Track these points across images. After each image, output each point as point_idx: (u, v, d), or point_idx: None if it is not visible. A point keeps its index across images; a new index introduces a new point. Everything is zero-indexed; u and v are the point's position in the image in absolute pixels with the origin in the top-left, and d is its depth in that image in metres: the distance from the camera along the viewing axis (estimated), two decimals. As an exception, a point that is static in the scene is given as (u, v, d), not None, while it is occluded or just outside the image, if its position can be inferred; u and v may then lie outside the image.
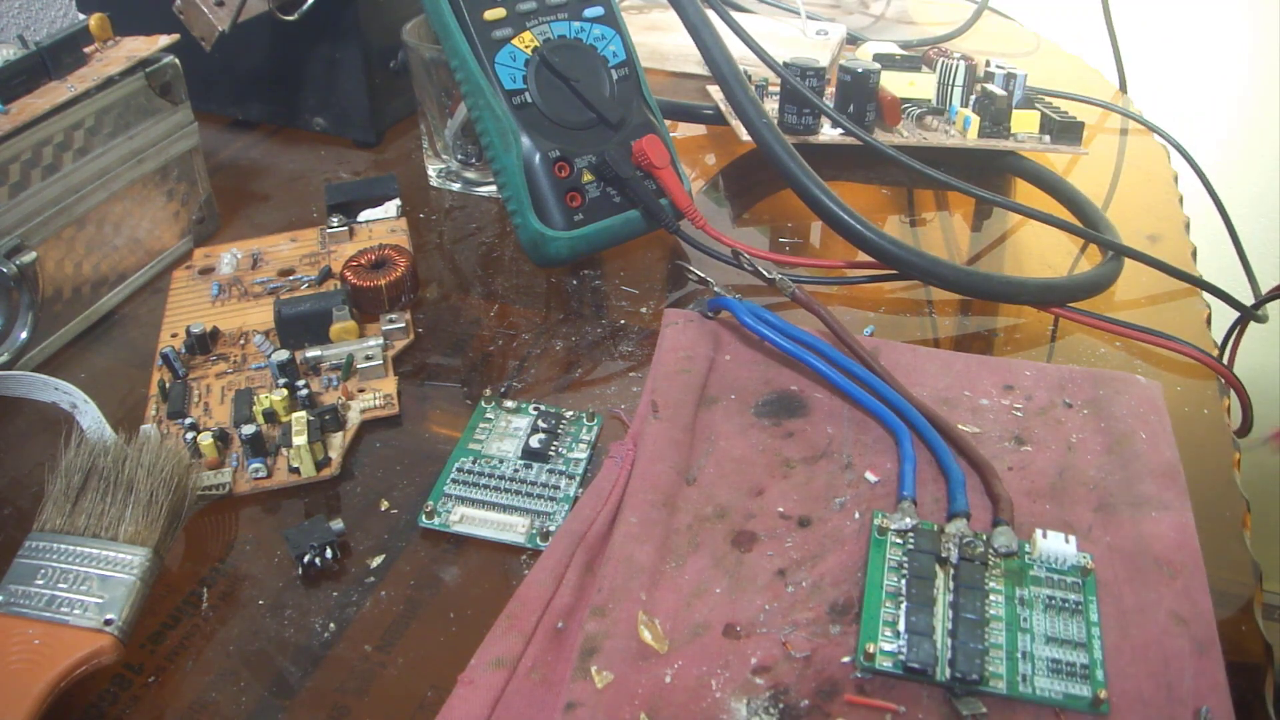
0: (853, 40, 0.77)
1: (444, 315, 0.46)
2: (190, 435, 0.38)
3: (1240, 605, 0.33)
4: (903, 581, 0.31)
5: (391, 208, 0.52)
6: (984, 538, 0.33)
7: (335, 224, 0.51)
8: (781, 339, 0.40)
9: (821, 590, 0.32)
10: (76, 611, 0.29)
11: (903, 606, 0.31)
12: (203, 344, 0.43)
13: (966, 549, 0.32)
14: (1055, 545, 0.32)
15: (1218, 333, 0.47)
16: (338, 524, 0.34)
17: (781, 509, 0.34)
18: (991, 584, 0.31)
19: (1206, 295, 0.48)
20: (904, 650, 0.29)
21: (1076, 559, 0.32)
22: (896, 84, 0.60)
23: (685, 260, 0.49)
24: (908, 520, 0.33)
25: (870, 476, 0.36)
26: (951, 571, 0.32)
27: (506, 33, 0.47)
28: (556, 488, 0.36)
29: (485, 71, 0.46)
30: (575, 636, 0.30)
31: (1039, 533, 0.32)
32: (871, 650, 0.29)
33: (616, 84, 0.49)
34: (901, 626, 0.30)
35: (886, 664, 0.29)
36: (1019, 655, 0.29)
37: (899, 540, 0.33)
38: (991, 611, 0.31)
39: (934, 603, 0.31)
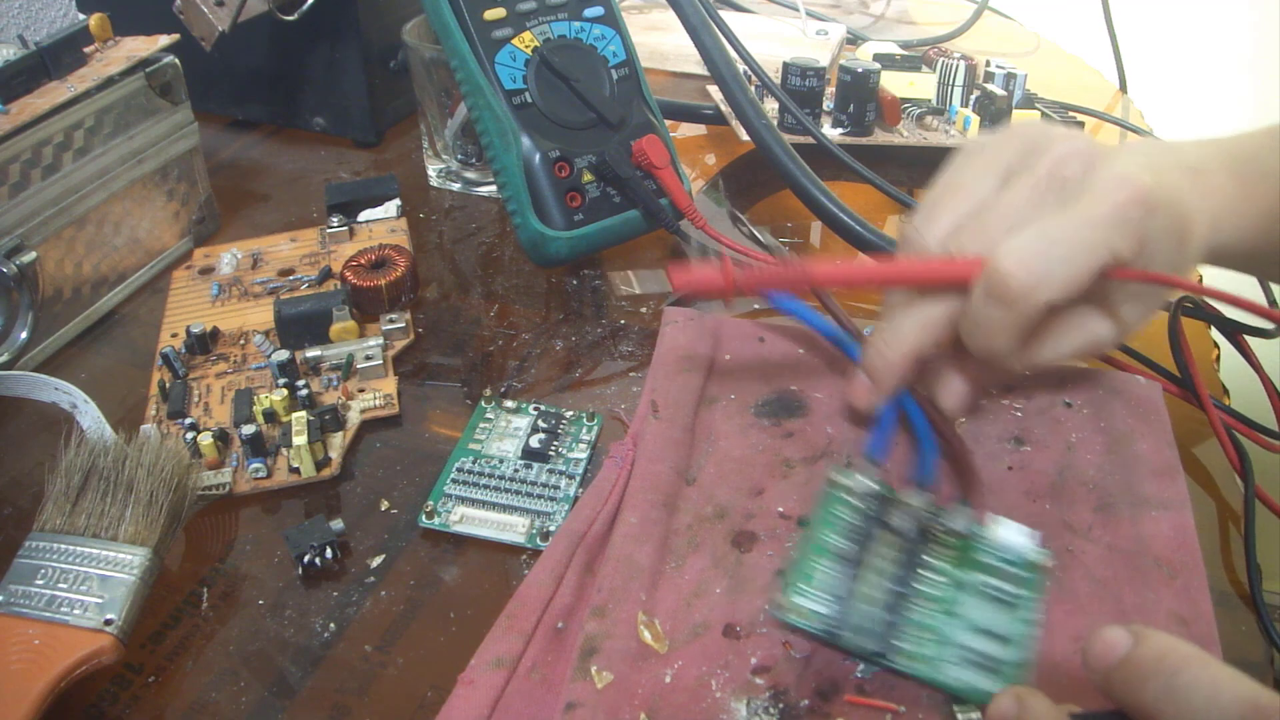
0: (853, 40, 0.77)
1: (444, 315, 0.46)
2: (190, 435, 0.38)
3: (1240, 605, 0.33)
4: (843, 541, 0.31)
5: (391, 208, 0.52)
6: (940, 513, 0.32)
7: (335, 224, 0.51)
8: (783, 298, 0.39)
9: (821, 590, 0.32)
10: (76, 611, 0.29)
11: (836, 565, 0.30)
12: (203, 344, 0.43)
13: (917, 520, 0.31)
14: (1011, 535, 0.31)
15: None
16: (338, 524, 0.34)
17: (781, 509, 0.34)
18: (933, 561, 0.31)
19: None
20: (824, 610, 0.29)
21: (1032, 554, 0.31)
22: (896, 84, 0.60)
23: (684, 258, 0.49)
24: (864, 480, 0.32)
25: None
26: (895, 541, 0.31)
27: (506, 33, 0.47)
28: (556, 488, 0.36)
29: (485, 71, 0.46)
30: (575, 636, 0.30)
31: (994, 518, 0.32)
32: (791, 602, 0.29)
33: (616, 84, 0.49)
34: (829, 585, 0.30)
35: (801, 620, 0.29)
36: (938, 639, 0.29)
37: (850, 499, 0.32)
38: (924, 589, 0.30)
39: (867, 568, 0.30)
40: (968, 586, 0.30)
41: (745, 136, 0.52)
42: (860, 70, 0.57)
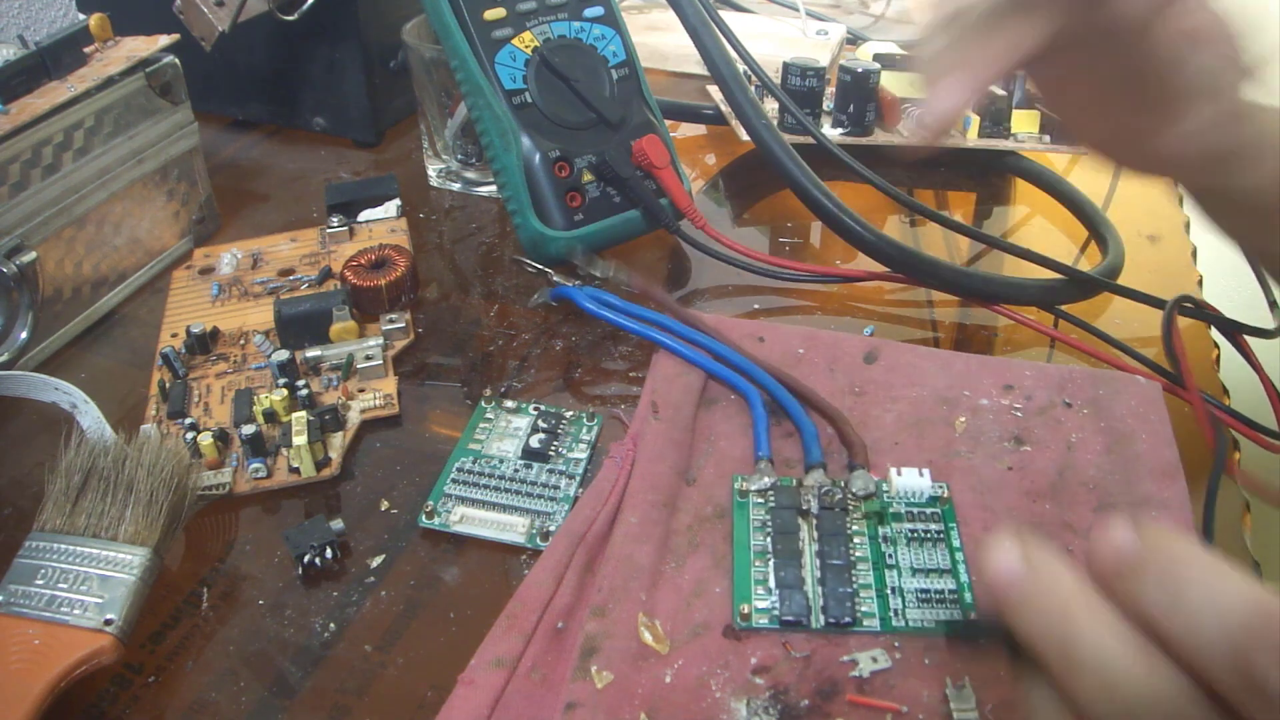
0: (853, 40, 0.77)
1: (444, 315, 0.46)
2: (190, 435, 0.38)
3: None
4: (768, 539, 0.32)
5: (391, 208, 0.52)
6: (842, 484, 0.34)
7: (335, 224, 0.51)
8: (624, 319, 0.43)
9: (821, 590, 0.32)
10: (76, 611, 0.29)
11: (771, 563, 0.32)
12: (203, 344, 0.43)
13: (825, 498, 0.33)
14: (910, 480, 0.33)
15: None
16: (338, 524, 0.34)
17: (781, 509, 0.35)
18: (854, 527, 0.33)
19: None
20: (777, 605, 0.30)
21: (932, 490, 0.33)
22: (896, 84, 0.60)
23: (684, 258, 0.49)
24: (766, 480, 0.34)
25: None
26: (814, 522, 0.33)
27: (506, 33, 0.47)
28: (556, 488, 0.36)
29: (485, 71, 0.46)
30: (575, 636, 0.30)
31: (893, 470, 0.34)
32: (746, 610, 0.30)
33: (616, 84, 0.49)
34: (772, 583, 0.31)
35: (763, 621, 0.30)
36: (888, 592, 0.31)
37: (760, 500, 0.34)
38: (857, 554, 0.32)
39: (800, 555, 0.32)
40: (893, 538, 0.32)
41: (745, 136, 0.52)
42: (860, 70, 0.57)
